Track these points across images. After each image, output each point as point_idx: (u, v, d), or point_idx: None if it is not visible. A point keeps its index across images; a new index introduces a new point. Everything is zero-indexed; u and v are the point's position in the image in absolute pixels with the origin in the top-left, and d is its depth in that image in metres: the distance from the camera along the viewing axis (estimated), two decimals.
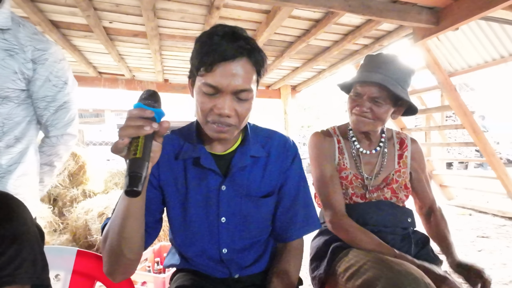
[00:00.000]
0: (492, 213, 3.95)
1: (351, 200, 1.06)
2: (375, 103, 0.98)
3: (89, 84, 4.09)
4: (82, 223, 2.80)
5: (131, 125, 0.52)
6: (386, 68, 0.98)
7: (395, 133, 1.16)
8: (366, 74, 1.00)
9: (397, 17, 2.13)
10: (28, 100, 1.01)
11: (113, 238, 0.62)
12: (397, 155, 1.11)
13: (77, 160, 3.66)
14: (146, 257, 2.00)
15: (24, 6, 2.03)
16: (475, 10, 1.93)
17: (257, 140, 0.83)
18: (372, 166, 1.09)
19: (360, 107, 1.00)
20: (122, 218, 0.60)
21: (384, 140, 1.11)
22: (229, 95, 0.67)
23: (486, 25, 3.25)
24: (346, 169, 1.08)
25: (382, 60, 1.00)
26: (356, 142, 1.10)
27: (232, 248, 0.79)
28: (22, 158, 0.99)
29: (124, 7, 2.20)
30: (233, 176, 0.78)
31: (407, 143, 1.13)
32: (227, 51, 0.64)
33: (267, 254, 0.86)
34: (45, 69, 0.99)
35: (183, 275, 0.84)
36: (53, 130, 1.08)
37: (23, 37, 0.95)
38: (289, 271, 0.80)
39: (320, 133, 1.14)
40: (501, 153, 9.76)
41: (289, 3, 1.90)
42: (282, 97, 4.87)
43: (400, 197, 1.07)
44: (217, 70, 0.64)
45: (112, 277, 0.66)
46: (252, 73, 0.69)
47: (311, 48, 3.09)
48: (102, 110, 13.02)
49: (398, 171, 1.09)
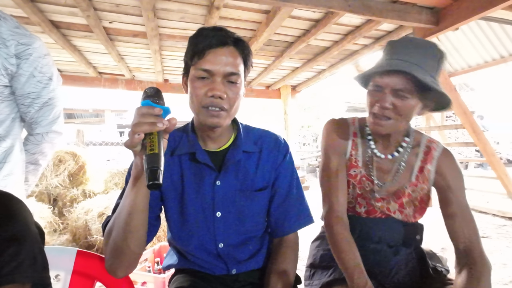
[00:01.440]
0: (492, 213, 3.95)
1: (356, 201, 0.97)
2: (399, 97, 0.81)
3: (89, 84, 4.09)
4: (82, 223, 2.80)
5: (145, 122, 0.55)
6: (411, 53, 0.81)
7: (426, 140, 0.96)
8: (387, 62, 0.83)
9: (397, 17, 2.12)
10: (11, 97, 0.98)
11: (119, 233, 0.64)
12: (418, 167, 0.93)
13: (77, 160, 3.66)
14: (146, 257, 1.99)
15: (24, 6, 2.03)
16: (475, 10, 1.93)
17: (249, 138, 0.87)
18: (384, 173, 0.95)
19: (381, 102, 0.83)
20: (128, 212, 0.63)
21: (406, 145, 0.93)
22: (220, 78, 0.73)
23: (486, 25, 3.25)
24: (357, 167, 0.96)
25: (405, 44, 0.84)
26: (372, 141, 0.95)
27: (228, 243, 0.81)
28: (8, 157, 0.96)
29: (124, 7, 2.20)
30: (227, 171, 0.81)
31: (434, 154, 0.93)
32: (215, 38, 0.73)
33: (263, 251, 0.88)
34: (29, 64, 0.96)
35: (181, 277, 0.85)
36: (37, 127, 1.04)
37: (5, 31, 0.91)
38: (286, 270, 0.81)
39: (335, 121, 1.01)
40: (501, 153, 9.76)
41: (289, 3, 1.90)
42: (282, 97, 4.87)
43: (406, 213, 0.93)
44: (208, 56, 0.73)
45: (114, 273, 0.68)
46: (240, 60, 0.76)
47: (311, 48, 3.09)
48: (102, 110, 13.01)
49: (414, 185, 0.92)
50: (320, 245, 1.06)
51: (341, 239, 0.87)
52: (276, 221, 0.86)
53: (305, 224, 0.88)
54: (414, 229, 0.96)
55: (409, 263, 0.94)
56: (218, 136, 0.82)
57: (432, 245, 1.04)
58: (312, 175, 9.82)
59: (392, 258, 0.93)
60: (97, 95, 10.95)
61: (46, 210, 3.13)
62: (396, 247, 0.94)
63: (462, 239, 0.85)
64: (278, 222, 0.86)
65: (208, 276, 0.83)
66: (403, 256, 0.93)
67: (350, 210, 0.98)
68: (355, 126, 1.00)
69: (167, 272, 1.79)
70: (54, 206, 3.43)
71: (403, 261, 0.93)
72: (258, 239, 0.87)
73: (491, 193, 4.32)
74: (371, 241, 0.94)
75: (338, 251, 0.86)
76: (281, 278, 0.79)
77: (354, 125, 1.00)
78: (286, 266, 0.82)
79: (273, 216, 0.86)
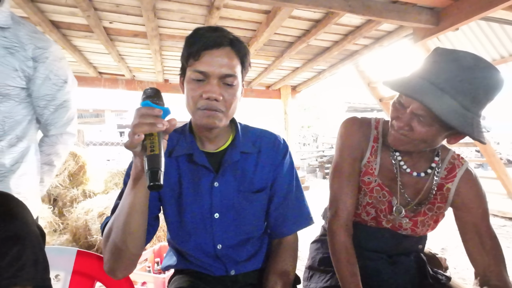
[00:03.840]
0: (492, 214, 3.94)
1: (364, 209, 0.92)
2: (418, 121, 0.74)
3: (89, 84, 4.09)
4: (82, 223, 2.80)
5: (145, 123, 0.55)
6: (449, 77, 0.68)
7: (451, 156, 0.89)
8: (414, 81, 0.72)
9: (397, 18, 2.12)
10: (28, 99, 1.01)
11: (118, 234, 0.64)
12: (437, 184, 0.87)
13: (77, 160, 3.66)
14: (146, 258, 1.99)
15: (24, 6, 2.03)
16: (475, 10, 1.93)
17: (247, 138, 0.86)
18: (409, 190, 0.88)
19: (399, 121, 0.77)
20: (127, 213, 0.62)
21: (436, 165, 0.86)
22: (216, 80, 0.72)
23: (486, 26, 3.25)
24: (372, 175, 0.90)
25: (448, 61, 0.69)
26: (397, 153, 0.88)
27: (226, 244, 0.81)
28: (24, 157, 0.99)
29: (125, 8, 2.20)
30: (224, 172, 0.80)
31: (458, 172, 0.86)
32: (211, 39, 0.72)
33: (262, 252, 0.87)
34: (45, 67, 0.99)
35: (180, 277, 0.85)
36: (52, 129, 1.08)
37: (23, 35, 0.95)
38: (286, 270, 0.81)
39: (356, 120, 0.93)
40: (501, 154, 9.76)
41: (289, 4, 1.90)
42: (282, 97, 4.87)
43: (417, 232, 0.89)
44: (204, 57, 0.71)
45: (114, 274, 0.68)
46: (236, 61, 0.75)
47: (311, 48, 3.09)
48: (102, 110, 13.03)
49: (431, 203, 0.87)
50: (319, 248, 1.05)
51: (341, 248, 0.85)
52: (275, 222, 0.85)
53: (304, 226, 0.87)
54: (418, 239, 0.93)
55: (409, 270, 0.91)
56: (215, 137, 0.81)
57: (432, 246, 1.04)
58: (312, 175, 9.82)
59: (391, 266, 0.91)
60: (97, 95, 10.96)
61: (46, 210, 3.14)
62: (397, 255, 0.92)
63: (479, 263, 0.80)
64: (277, 223, 0.85)
65: (207, 277, 0.83)
66: (403, 264, 0.91)
67: (356, 217, 0.94)
68: (377, 130, 0.92)
69: (167, 272, 1.79)
70: (54, 206, 3.43)
71: (403, 268, 0.91)
72: (257, 240, 0.87)
73: (491, 194, 4.30)
74: (372, 249, 0.92)
75: (337, 260, 0.85)
76: (280, 278, 0.79)
77: (377, 129, 0.93)
78: (285, 267, 0.81)
79: (272, 217, 0.86)
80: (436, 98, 0.68)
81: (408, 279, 0.90)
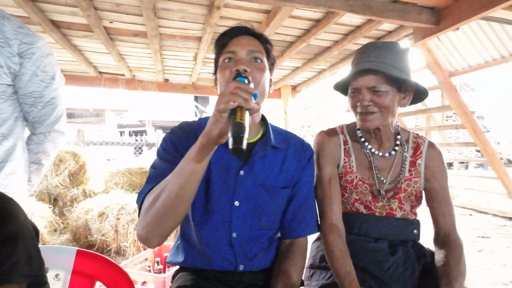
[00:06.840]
0: (492, 213, 3.94)
1: (353, 207, 1.00)
2: (375, 94, 0.89)
3: (89, 84, 4.08)
4: (82, 223, 2.81)
5: (241, 96, 0.57)
6: (375, 54, 0.91)
7: (412, 136, 1.04)
8: (356, 66, 0.94)
9: (397, 17, 2.12)
10: (14, 96, 0.98)
11: (170, 198, 0.65)
12: (409, 162, 1.00)
13: (77, 160, 3.66)
14: (146, 257, 2.00)
15: (24, 6, 2.03)
16: (476, 10, 1.93)
17: (277, 135, 0.90)
18: (382, 170, 1.00)
19: (361, 101, 0.91)
20: (185, 180, 0.64)
21: (400, 143, 1.00)
22: (245, 53, 0.79)
23: (487, 25, 3.25)
24: (352, 173, 1.00)
25: (369, 49, 0.94)
26: (366, 142, 1.01)
27: (242, 234, 0.82)
28: (10, 156, 0.96)
29: (125, 7, 2.20)
30: (252, 163, 0.83)
31: (423, 148, 1.01)
32: (237, 29, 0.83)
33: (272, 251, 0.88)
34: (32, 63, 0.96)
35: (185, 275, 0.86)
36: (40, 127, 1.04)
37: (9, 30, 0.91)
38: (294, 273, 0.82)
39: (323, 133, 1.07)
40: (502, 153, 9.75)
41: (289, 3, 1.90)
42: (282, 97, 4.86)
43: (405, 209, 0.99)
44: (232, 42, 0.81)
45: (149, 242, 0.69)
46: (261, 46, 0.83)
47: (312, 48, 3.09)
48: (102, 110, 13.02)
49: (408, 179, 0.99)
50: (320, 246, 1.06)
51: (334, 247, 0.90)
52: (291, 222, 0.87)
53: (314, 231, 0.91)
54: (412, 224, 1.00)
55: (408, 260, 0.96)
56: None
57: (429, 241, 1.05)
58: None
59: (390, 256, 0.95)
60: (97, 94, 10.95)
61: (47, 209, 3.14)
62: (395, 245, 0.96)
63: (443, 225, 0.97)
64: (293, 223, 0.87)
65: (211, 275, 0.84)
66: (402, 254, 0.96)
67: (349, 210, 1.02)
68: (344, 134, 1.06)
69: (167, 272, 1.79)
70: (54, 206, 3.43)
71: (402, 258, 0.95)
72: (270, 237, 0.88)
73: (492, 193, 4.32)
74: (370, 236, 0.97)
75: (331, 259, 0.90)
76: (288, 280, 0.80)
77: (343, 133, 1.06)
78: (294, 269, 0.83)
79: (288, 217, 0.87)
80: (376, 65, 0.89)
81: (408, 266, 0.95)
